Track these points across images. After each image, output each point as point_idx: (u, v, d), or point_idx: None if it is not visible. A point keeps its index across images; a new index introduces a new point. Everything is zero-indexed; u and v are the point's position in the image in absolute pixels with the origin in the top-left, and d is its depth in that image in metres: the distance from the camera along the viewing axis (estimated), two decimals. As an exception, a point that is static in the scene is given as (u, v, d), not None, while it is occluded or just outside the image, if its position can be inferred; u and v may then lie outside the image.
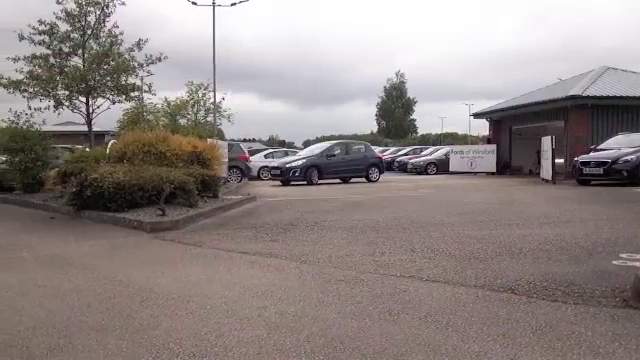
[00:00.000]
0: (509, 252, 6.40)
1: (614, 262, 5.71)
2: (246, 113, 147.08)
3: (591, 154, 18.30)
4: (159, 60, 16.77)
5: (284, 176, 21.07)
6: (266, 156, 28.21)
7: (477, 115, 31.61)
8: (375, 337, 3.63)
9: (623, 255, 6.01)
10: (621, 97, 22.27)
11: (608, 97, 22.21)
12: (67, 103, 16.17)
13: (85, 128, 17.48)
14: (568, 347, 3.41)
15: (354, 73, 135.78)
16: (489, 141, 30.02)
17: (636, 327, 3.76)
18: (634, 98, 22.34)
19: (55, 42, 15.89)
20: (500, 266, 5.67)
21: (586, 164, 17.71)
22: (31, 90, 15.60)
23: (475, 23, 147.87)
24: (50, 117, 16.35)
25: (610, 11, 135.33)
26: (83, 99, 16.29)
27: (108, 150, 14.89)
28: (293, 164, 21.37)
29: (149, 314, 4.23)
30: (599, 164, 17.36)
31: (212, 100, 34.63)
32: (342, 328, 3.81)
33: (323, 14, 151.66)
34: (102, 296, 4.79)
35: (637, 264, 5.55)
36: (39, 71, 15.68)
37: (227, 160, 19.18)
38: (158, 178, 10.22)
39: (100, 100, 16.60)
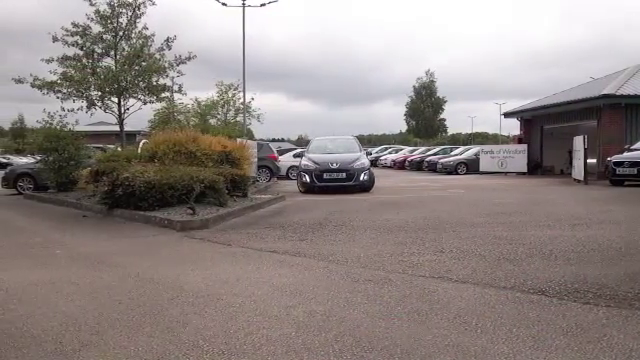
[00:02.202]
0: (540, 253, 6.32)
1: (648, 264, 5.60)
2: (275, 113, 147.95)
3: (625, 154, 17.95)
4: (188, 59, 16.97)
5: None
6: (295, 156, 28.27)
7: (508, 114, 31.22)
8: (403, 338, 3.62)
9: (658, 257, 5.88)
10: (656, 96, 21.75)
11: (643, 96, 21.70)
12: (99, 103, 16.49)
13: (117, 128, 17.79)
14: (599, 350, 3.36)
15: (384, 72, 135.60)
16: (520, 141, 29.60)
17: (671, 331, 3.68)
18: (670, 97, 21.79)
19: (88, 43, 16.21)
20: (530, 267, 5.60)
21: (619, 164, 17.37)
22: (64, 91, 15.94)
23: (507, 22, 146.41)
24: (83, 117, 16.72)
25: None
26: (115, 99, 16.59)
27: (139, 150, 15.12)
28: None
29: (179, 312, 4.29)
30: (633, 164, 17.02)
31: (241, 100, 34.99)
32: (370, 328, 3.82)
33: (353, 13, 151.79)
34: (133, 293, 4.87)
35: (672, 267, 5.43)
36: (72, 72, 16.01)
37: (256, 160, 19.29)
38: (188, 177, 10.34)
39: (131, 100, 16.90)
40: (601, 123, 22.26)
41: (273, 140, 67.08)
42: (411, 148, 45.32)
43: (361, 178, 15.94)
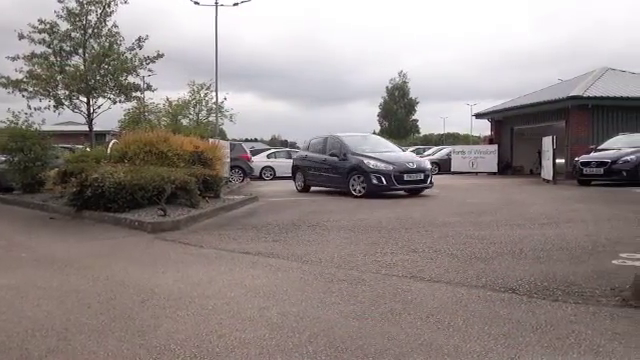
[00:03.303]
0: (510, 252, 6.40)
1: (614, 262, 5.72)
2: (248, 113, 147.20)
3: (592, 154, 18.30)
4: (157, 58, 16.76)
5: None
6: (268, 156, 28.21)
7: (479, 115, 31.59)
8: (377, 337, 3.63)
9: (623, 255, 6.01)
10: (621, 98, 22.29)
11: (608, 98, 22.22)
12: (67, 103, 16.18)
13: (86, 128, 17.49)
14: (568, 346, 3.41)
15: (358, 73, 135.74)
16: (491, 141, 30.01)
17: (635, 326, 3.77)
18: (634, 99, 22.35)
19: (55, 41, 15.90)
20: (501, 266, 5.67)
21: (587, 164, 17.72)
22: (31, 89, 15.60)
23: (480, 24, 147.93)
24: (50, 117, 16.36)
25: (615, 14, 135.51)
26: (84, 99, 16.29)
27: (109, 150, 14.88)
28: None
29: (150, 315, 4.23)
30: (599, 164, 17.37)
31: (214, 100, 34.78)
32: (344, 328, 3.81)
33: (328, 14, 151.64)
34: (102, 297, 4.79)
35: (637, 264, 5.55)
36: (39, 70, 15.69)
37: (229, 160, 19.18)
38: (159, 178, 10.21)
39: (101, 100, 16.62)
40: (569, 124, 22.69)
41: (246, 140, 66.62)
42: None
43: (431, 179, 14.74)
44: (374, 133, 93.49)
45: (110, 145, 15.99)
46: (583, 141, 21.46)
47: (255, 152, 29.28)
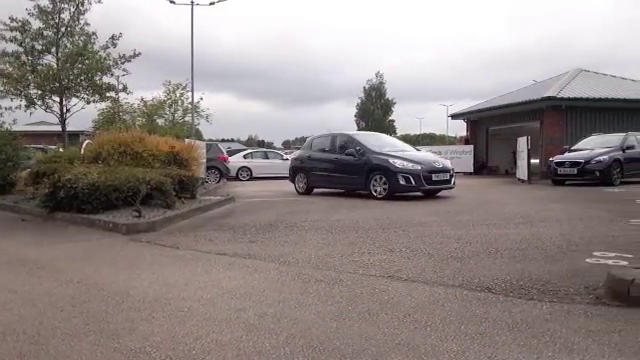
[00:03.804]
0: (486, 251, 6.45)
1: (587, 260, 5.79)
2: (224, 113, 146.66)
3: (565, 154, 18.59)
4: (133, 57, 16.59)
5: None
6: (245, 156, 28.10)
7: (455, 116, 31.90)
8: (354, 337, 3.62)
9: (596, 253, 6.10)
10: (594, 99, 22.70)
11: (582, 99, 22.61)
12: (39, 102, 15.94)
13: (59, 128, 17.25)
14: (544, 344, 3.44)
15: (335, 74, 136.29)
16: (466, 142, 30.32)
17: (609, 323, 3.81)
18: (606, 100, 22.78)
19: (27, 39, 15.64)
20: (477, 265, 5.71)
21: (561, 164, 18.00)
22: (1, 89, 15.34)
23: (455, 26, 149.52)
24: (22, 117, 16.11)
25: (588, 16, 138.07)
26: (56, 98, 16.09)
27: (82, 150, 14.67)
28: None
29: (125, 318, 4.16)
30: (573, 164, 17.66)
31: (190, 100, 34.53)
32: (321, 329, 3.80)
33: (305, 15, 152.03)
34: (75, 300, 4.70)
35: (609, 262, 5.63)
36: (10, 69, 15.41)
37: (205, 160, 19.05)
38: (134, 179, 10.08)
39: (74, 100, 16.42)
40: (543, 124, 23.03)
41: (223, 141, 66.31)
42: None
43: (454, 179, 14.32)
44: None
45: (84, 145, 15.76)
46: (557, 141, 21.80)
47: (232, 152, 29.17)
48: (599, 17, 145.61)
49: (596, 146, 18.34)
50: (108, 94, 17.50)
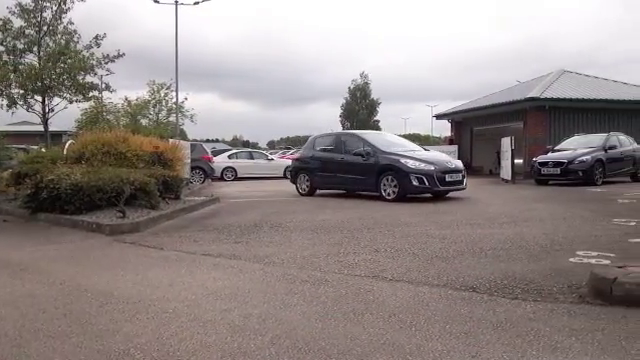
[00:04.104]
0: (470, 251, 6.48)
1: (571, 259, 5.85)
2: (209, 113, 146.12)
3: (549, 155, 18.76)
4: (117, 57, 16.48)
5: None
6: (229, 157, 28.00)
7: (439, 116, 32.06)
8: (340, 338, 3.62)
9: (579, 253, 6.16)
10: (577, 99, 22.92)
11: (565, 99, 22.83)
12: (21, 102, 15.75)
13: (41, 128, 17.07)
14: (528, 343, 3.46)
15: (320, 74, 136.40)
16: (451, 142, 30.48)
17: (592, 322, 3.85)
18: (589, 100, 23.02)
19: (9, 38, 15.45)
20: (462, 265, 5.74)
21: (544, 164, 18.15)
22: (-19, 88, 15.15)
23: (440, 26, 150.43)
24: (3, 116, 15.95)
25: (570, 18, 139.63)
26: (39, 98, 15.90)
27: (65, 150, 14.53)
28: None
29: (108, 319, 4.13)
30: (556, 164, 17.81)
31: (174, 100, 34.37)
32: (307, 329, 3.80)
33: (289, 15, 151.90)
34: (58, 302, 4.65)
35: (592, 261, 5.69)
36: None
37: (189, 161, 18.96)
38: (118, 179, 10.01)
39: (57, 99, 16.25)
40: (527, 125, 23.21)
41: (207, 141, 65.98)
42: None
43: (466, 180, 13.85)
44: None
45: (66, 146, 15.61)
46: (540, 141, 21.98)
47: (216, 153, 29.04)
48: (583, 19, 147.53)
49: (579, 146, 18.53)
50: (91, 94, 17.32)
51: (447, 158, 14.22)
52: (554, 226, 8.39)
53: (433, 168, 12.87)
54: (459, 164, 13.92)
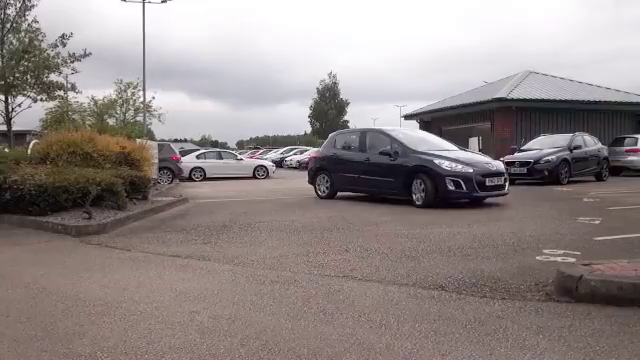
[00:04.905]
0: (439, 250, 6.54)
1: (537, 258, 5.95)
2: (177, 113, 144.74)
3: (515, 154, 19.06)
4: (83, 57, 16.21)
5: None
6: (198, 157, 27.77)
7: (408, 116, 32.31)
8: (310, 338, 3.61)
9: (546, 251, 6.27)
10: (542, 100, 23.36)
11: (531, 100, 23.25)
12: (-17, 101, 15.38)
13: (4, 127, 16.69)
14: (496, 341, 3.50)
15: (289, 74, 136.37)
16: (419, 142, 30.64)
17: (558, 319, 3.91)
18: (554, 101, 23.50)
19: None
20: (431, 264, 5.79)
21: (511, 164, 18.40)
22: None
23: (410, 26, 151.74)
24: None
25: (536, 18, 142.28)
26: (1, 97, 15.55)
27: (29, 151, 14.20)
28: None
29: (74, 322, 4.04)
30: (523, 164, 18.11)
31: (142, 99, 33.93)
32: (277, 330, 3.77)
33: (259, 14, 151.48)
34: (22, 305, 4.54)
35: (558, 259, 5.80)
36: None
37: (157, 161, 18.73)
38: (84, 180, 9.83)
39: (20, 98, 15.91)
40: (494, 125, 23.57)
41: (175, 141, 65.38)
42: (316, 149, 45.74)
43: (507, 185, 12.08)
44: (305, 134, 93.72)
45: (31, 146, 15.25)
46: (507, 141, 22.33)
47: (184, 153, 28.77)
48: (550, 20, 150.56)
49: (545, 146, 18.88)
50: (56, 93, 17.00)
51: (486, 159, 12.51)
52: (521, 225, 8.52)
53: (472, 170, 11.24)
54: (500, 166, 12.26)
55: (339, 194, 13.94)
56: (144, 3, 28.35)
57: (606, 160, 19.79)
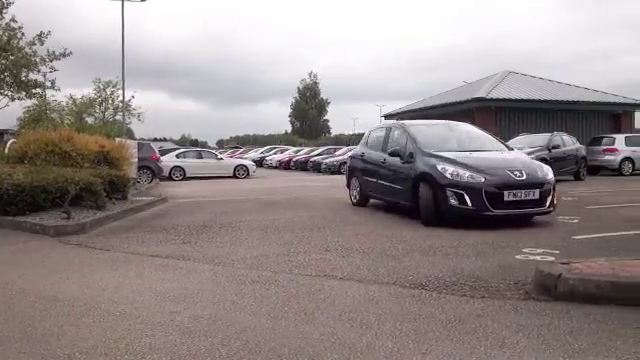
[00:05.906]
0: (419, 249, 6.58)
1: (517, 257, 6.01)
2: (157, 112, 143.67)
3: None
4: (63, 56, 16.04)
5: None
6: (178, 156, 27.57)
7: (388, 116, 32.44)
8: (291, 338, 3.61)
9: (525, 250, 6.34)
10: (522, 100, 23.61)
11: (510, 100, 23.48)
12: (-41, 99, 15.13)
13: (-20, 126, 16.43)
14: (476, 339, 3.53)
15: (270, 73, 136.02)
16: (400, 141, 30.76)
17: (537, 318, 3.96)
18: (533, 101, 23.77)
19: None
20: (411, 263, 5.82)
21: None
22: None
23: (391, 26, 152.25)
24: (-60, 114, 15.25)
25: (516, 18, 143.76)
26: (-22, 95, 15.30)
27: (7, 150, 14.01)
28: None
29: (53, 323, 4.00)
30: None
31: (121, 98, 33.60)
32: (257, 330, 3.77)
33: (240, 13, 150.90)
34: (0, 306, 4.48)
35: (538, 258, 5.87)
36: None
37: (137, 160, 18.56)
38: (62, 179, 9.71)
39: (-3, 97, 15.66)
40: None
41: (155, 140, 64.71)
42: (296, 148, 45.69)
43: (553, 198, 8.77)
44: (285, 133, 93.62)
45: (8, 145, 15.04)
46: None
47: (164, 152, 28.51)
48: (530, 21, 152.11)
49: (523, 146, 19.01)
50: (35, 91, 16.77)
51: (518, 165, 8.81)
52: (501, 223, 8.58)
53: (482, 180, 8.25)
54: (537, 174, 8.72)
55: (371, 201, 11.69)
56: (123, 1, 28.02)
57: (584, 159, 20.04)
